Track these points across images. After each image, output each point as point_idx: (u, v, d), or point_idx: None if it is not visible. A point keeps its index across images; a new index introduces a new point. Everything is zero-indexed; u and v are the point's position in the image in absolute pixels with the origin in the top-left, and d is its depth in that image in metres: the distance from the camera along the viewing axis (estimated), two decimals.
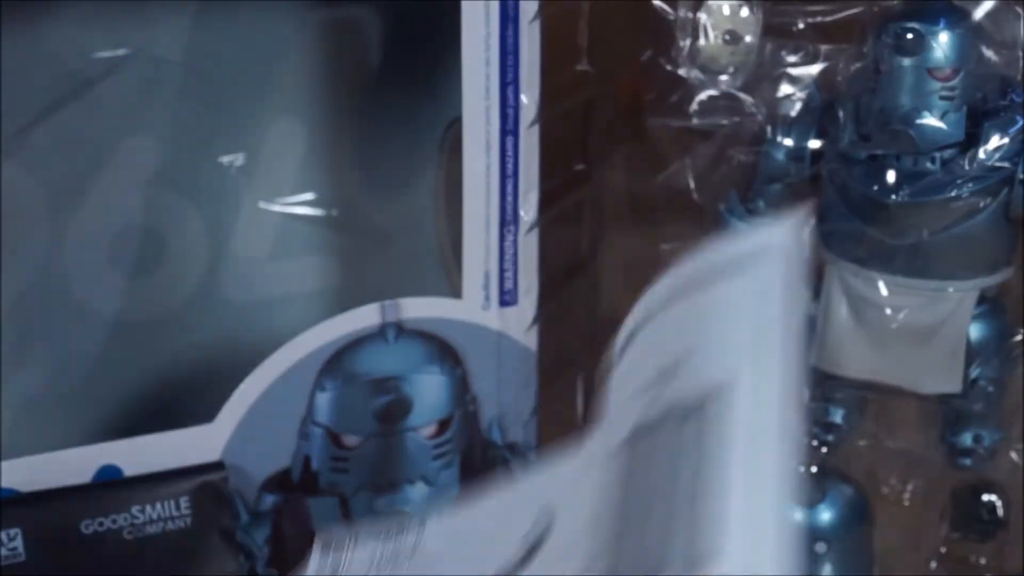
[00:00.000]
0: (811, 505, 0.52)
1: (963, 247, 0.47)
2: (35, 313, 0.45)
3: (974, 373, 0.49)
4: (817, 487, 0.52)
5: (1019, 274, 0.49)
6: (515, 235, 0.51)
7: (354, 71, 0.47)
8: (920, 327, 0.49)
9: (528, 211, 0.51)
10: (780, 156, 0.49)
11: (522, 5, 0.48)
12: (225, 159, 0.46)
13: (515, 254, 0.51)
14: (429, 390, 0.50)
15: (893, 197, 0.47)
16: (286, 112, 0.47)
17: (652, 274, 0.54)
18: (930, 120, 0.46)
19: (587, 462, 0.38)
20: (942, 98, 0.46)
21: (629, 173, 0.57)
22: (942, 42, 0.45)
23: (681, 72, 0.50)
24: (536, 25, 0.48)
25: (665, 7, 0.50)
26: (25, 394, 0.45)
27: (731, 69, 0.49)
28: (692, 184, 0.52)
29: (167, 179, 0.46)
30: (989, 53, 0.47)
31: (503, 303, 0.51)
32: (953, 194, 0.46)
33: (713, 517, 0.30)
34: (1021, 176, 0.46)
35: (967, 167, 0.46)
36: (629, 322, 0.39)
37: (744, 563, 0.28)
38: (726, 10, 0.49)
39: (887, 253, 0.48)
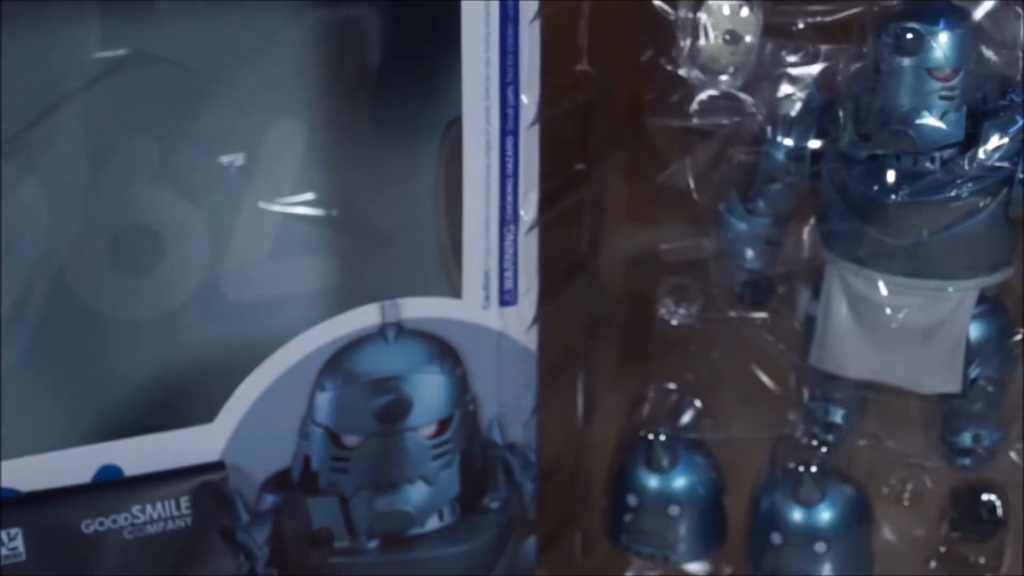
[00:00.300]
0: (811, 505, 0.52)
1: (963, 247, 0.47)
2: (35, 313, 0.45)
3: (974, 373, 0.49)
4: (817, 487, 0.52)
5: (1019, 274, 0.49)
6: (515, 235, 0.51)
7: (354, 71, 0.47)
8: (920, 327, 0.49)
9: (528, 211, 0.51)
10: (780, 156, 0.49)
11: (522, 5, 0.48)
12: (225, 159, 0.46)
13: (515, 254, 0.51)
14: (429, 390, 0.50)
15: (893, 197, 0.47)
16: (286, 112, 0.47)
17: (652, 274, 0.55)
18: (930, 120, 0.46)
19: None
20: (942, 98, 0.46)
21: (629, 173, 0.57)
22: (942, 42, 0.45)
23: (681, 72, 0.50)
24: (536, 25, 0.48)
25: (665, 7, 0.50)
26: (25, 394, 0.45)
27: (731, 69, 0.50)
28: (692, 184, 0.52)
29: (167, 179, 0.46)
30: (989, 53, 0.47)
31: (503, 303, 0.51)
32: (953, 194, 0.46)
33: None
34: (1021, 176, 0.46)
35: (967, 167, 0.46)
36: None
37: None
38: (726, 10, 0.49)
39: (887, 253, 0.48)
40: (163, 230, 0.46)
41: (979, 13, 0.46)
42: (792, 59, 0.49)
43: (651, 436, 0.55)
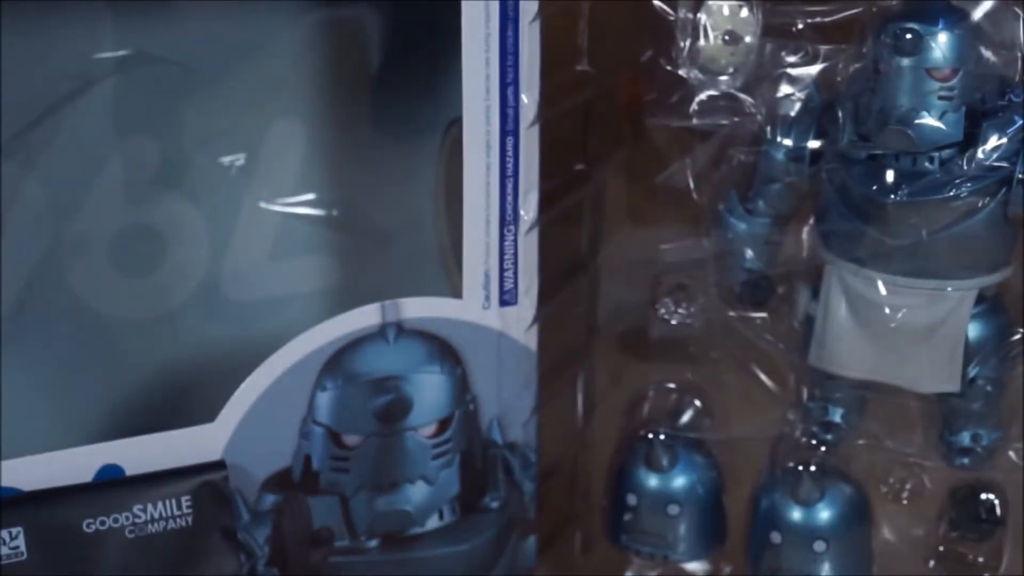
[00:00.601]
0: (810, 504, 0.52)
1: (962, 247, 0.47)
2: (35, 313, 0.45)
3: (972, 372, 0.49)
4: (816, 486, 0.52)
5: (1018, 273, 0.49)
6: (515, 235, 0.51)
7: (354, 71, 0.47)
8: (919, 326, 0.49)
9: (528, 211, 0.51)
10: (779, 156, 0.49)
11: (522, 5, 0.48)
12: (225, 159, 0.46)
13: (515, 254, 0.51)
14: (429, 389, 0.50)
15: (892, 197, 0.47)
16: (286, 112, 0.47)
17: (652, 274, 0.55)
18: (929, 120, 0.46)
19: None
20: (941, 98, 0.46)
21: (629, 173, 0.57)
22: (941, 42, 0.45)
23: (681, 72, 0.50)
24: (536, 25, 0.48)
25: (665, 7, 0.50)
26: (25, 394, 0.45)
27: (731, 69, 0.50)
28: (692, 184, 0.52)
29: (167, 179, 0.46)
30: (988, 53, 0.47)
31: (503, 303, 0.51)
32: (952, 194, 0.46)
33: None
34: (1019, 175, 0.46)
35: (965, 167, 0.46)
36: None
37: None
38: (726, 11, 0.49)
39: (886, 253, 0.48)
40: (164, 230, 0.46)
41: (978, 13, 0.46)
42: (791, 59, 0.49)
43: (651, 436, 0.55)
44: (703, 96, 0.50)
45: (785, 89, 0.49)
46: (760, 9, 0.49)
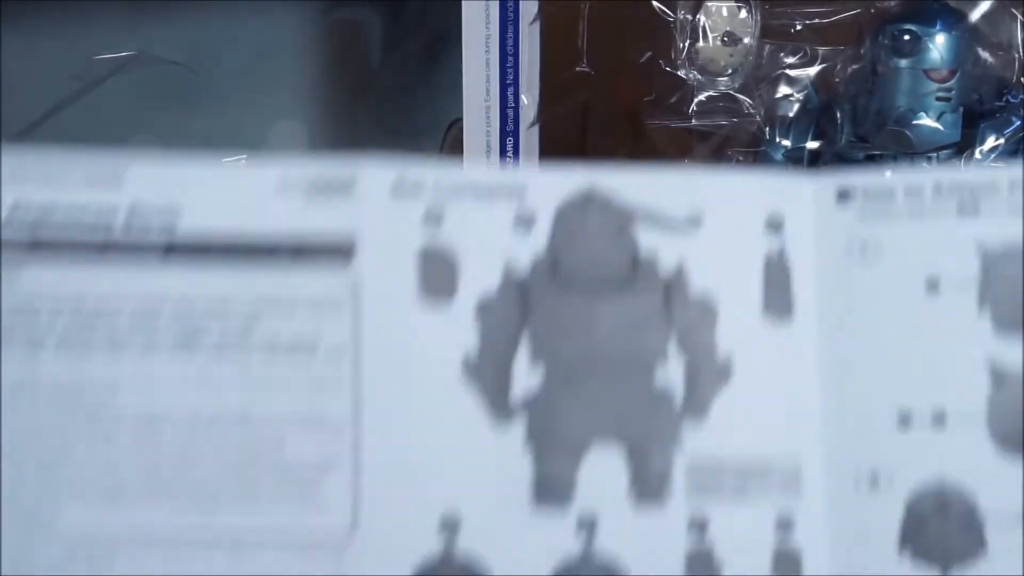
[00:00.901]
0: None
1: None
2: None
3: None
4: None
5: None
6: None
7: (354, 71, 0.48)
8: None
9: None
10: (778, 156, 0.50)
11: (522, 7, 0.48)
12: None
13: None
14: None
15: None
16: (287, 112, 0.47)
17: None
18: (927, 121, 0.46)
19: None
20: (938, 99, 0.46)
21: None
22: (938, 44, 0.45)
23: (680, 73, 0.50)
24: (536, 27, 0.49)
25: (664, 9, 0.50)
26: None
27: (729, 70, 0.50)
28: None
29: None
30: (985, 55, 0.47)
31: None
32: None
33: None
34: None
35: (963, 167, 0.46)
36: None
37: None
38: (724, 12, 0.49)
39: None
40: None
41: (975, 15, 0.46)
42: (790, 60, 0.49)
43: None
44: (702, 97, 0.50)
45: (783, 90, 0.50)
46: (758, 10, 0.49)
